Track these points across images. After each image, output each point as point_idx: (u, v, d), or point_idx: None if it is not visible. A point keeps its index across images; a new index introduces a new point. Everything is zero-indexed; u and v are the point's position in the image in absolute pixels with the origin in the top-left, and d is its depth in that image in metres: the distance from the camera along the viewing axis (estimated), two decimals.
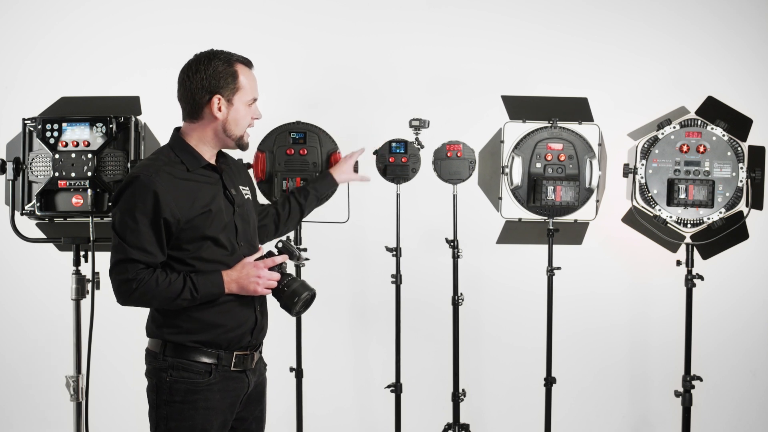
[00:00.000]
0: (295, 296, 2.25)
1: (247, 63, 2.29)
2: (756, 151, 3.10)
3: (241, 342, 2.26)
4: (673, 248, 3.23)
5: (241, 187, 2.38)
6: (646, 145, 3.09)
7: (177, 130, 2.30)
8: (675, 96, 3.50)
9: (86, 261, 2.89)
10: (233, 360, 2.24)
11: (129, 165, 2.81)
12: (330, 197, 3.01)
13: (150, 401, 2.24)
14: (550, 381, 3.29)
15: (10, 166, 2.81)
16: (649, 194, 3.09)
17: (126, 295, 2.15)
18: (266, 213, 2.73)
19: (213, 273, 2.19)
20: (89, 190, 2.77)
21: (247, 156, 2.93)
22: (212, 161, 2.30)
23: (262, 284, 2.22)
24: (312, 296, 2.29)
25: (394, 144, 3.16)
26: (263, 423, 2.46)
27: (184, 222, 2.15)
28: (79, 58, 3.76)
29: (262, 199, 2.93)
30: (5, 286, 3.85)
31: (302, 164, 3.10)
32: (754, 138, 3.13)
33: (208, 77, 2.20)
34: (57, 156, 2.78)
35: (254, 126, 2.37)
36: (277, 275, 2.26)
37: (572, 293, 3.72)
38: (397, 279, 3.25)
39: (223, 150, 2.37)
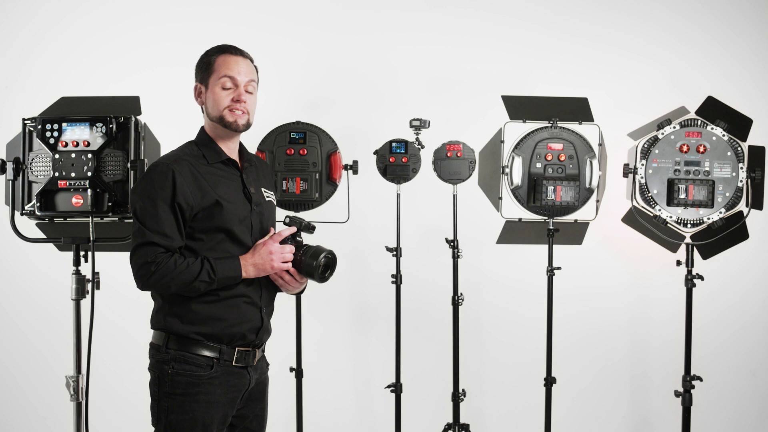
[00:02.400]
0: (314, 260, 2.21)
1: (232, 51, 2.29)
2: (756, 151, 3.10)
3: (245, 339, 2.27)
4: (673, 248, 3.23)
5: (264, 190, 2.39)
6: (646, 145, 3.09)
7: (202, 127, 2.36)
8: (675, 96, 3.51)
9: (86, 261, 2.88)
10: (235, 355, 2.25)
11: (129, 165, 2.80)
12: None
13: (152, 394, 2.25)
14: (550, 381, 3.29)
15: (10, 166, 2.81)
16: (649, 194, 3.09)
17: (145, 279, 2.16)
18: None
19: (231, 257, 2.22)
20: (89, 190, 2.76)
21: None
22: (234, 157, 2.33)
23: (277, 258, 2.22)
24: (332, 257, 2.25)
25: (394, 144, 3.17)
26: (264, 422, 2.46)
27: (197, 210, 2.18)
28: (78, 58, 3.76)
29: None
30: (5, 286, 3.85)
31: (302, 164, 3.10)
32: (754, 138, 3.13)
33: (195, 71, 2.33)
34: (57, 156, 2.77)
35: (242, 108, 2.24)
36: (290, 247, 2.24)
37: (572, 293, 3.72)
38: (397, 279, 3.25)
39: (249, 152, 2.42)
